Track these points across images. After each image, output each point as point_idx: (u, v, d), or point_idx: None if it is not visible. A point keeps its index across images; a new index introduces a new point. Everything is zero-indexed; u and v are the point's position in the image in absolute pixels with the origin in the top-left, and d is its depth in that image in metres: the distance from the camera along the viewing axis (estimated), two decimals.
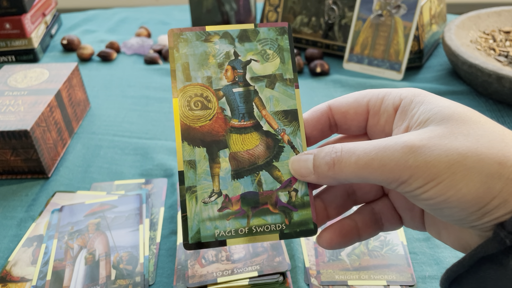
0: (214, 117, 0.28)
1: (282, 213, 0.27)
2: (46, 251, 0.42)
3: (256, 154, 0.28)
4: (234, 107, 0.28)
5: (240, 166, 0.28)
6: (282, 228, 0.27)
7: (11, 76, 0.59)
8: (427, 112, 0.27)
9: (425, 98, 0.28)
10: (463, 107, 0.27)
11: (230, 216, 0.27)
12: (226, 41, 0.29)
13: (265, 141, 0.28)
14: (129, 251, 0.42)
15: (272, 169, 0.28)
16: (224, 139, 0.28)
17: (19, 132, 0.49)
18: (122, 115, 0.64)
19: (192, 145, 0.28)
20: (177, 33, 0.29)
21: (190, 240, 0.27)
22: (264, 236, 0.27)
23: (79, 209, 0.46)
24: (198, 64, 0.29)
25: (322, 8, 0.75)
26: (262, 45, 0.29)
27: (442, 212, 0.25)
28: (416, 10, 0.67)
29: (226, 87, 0.29)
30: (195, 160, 0.28)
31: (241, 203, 0.27)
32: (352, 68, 0.73)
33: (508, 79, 0.57)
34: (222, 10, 0.83)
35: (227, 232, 0.27)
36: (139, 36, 0.85)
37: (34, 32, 0.79)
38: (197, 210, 0.27)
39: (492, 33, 0.72)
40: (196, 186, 0.27)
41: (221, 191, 0.27)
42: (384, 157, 0.25)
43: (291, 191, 0.28)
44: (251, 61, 0.29)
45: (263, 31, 0.29)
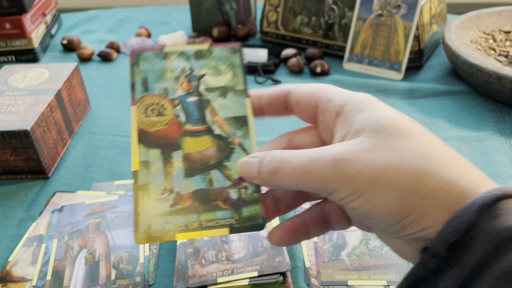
0: (169, 122, 0.31)
1: (232, 208, 0.29)
2: (46, 251, 0.42)
3: (208, 155, 0.30)
4: (188, 114, 0.31)
5: (192, 165, 0.30)
6: (232, 223, 0.29)
7: (11, 76, 0.59)
8: (362, 122, 0.28)
9: (366, 106, 0.29)
10: (400, 118, 0.28)
11: (181, 212, 0.29)
12: (182, 59, 0.33)
13: (217, 143, 0.31)
14: (129, 251, 0.42)
15: (223, 169, 0.30)
16: (177, 141, 0.31)
17: (19, 132, 0.49)
18: (122, 115, 0.64)
19: (147, 147, 0.30)
20: (138, 53, 0.33)
21: (141, 234, 0.28)
22: (214, 231, 0.28)
23: (79, 209, 0.46)
24: (156, 77, 0.32)
25: (322, 8, 0.75)
26: (216, 62, 0.33)
27: (366, 221, 0.27)
28: (416, 10, 0.67)
29: (181, 97, 0.32)
30: (149, 160, 0.30)
31: (192, 199, 0.29)
32: (352, 68, 0.73)
33: (508, 79, 0.57)
34: (222, 10, 0.83)
35: (178, 226, 0.28)
36: (139, 36, 0.85)
37: (34, 32, 0.79)
38: (149, 206, 0.29)
39: (492, 33, 0.72)
40: (149, 184, 0.29)
41: (173, 189, 0.29)
42: (314, 170, 0.26)
43: (241, 188, 0.29)
44: (205, 75, 0.32)
45: (216, 51, 0.33)
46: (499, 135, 0.56)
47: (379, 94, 0.66)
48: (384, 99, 0.65)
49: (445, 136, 0.56)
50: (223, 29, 0.83)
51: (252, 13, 0.84)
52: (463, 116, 0.60)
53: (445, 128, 0.58)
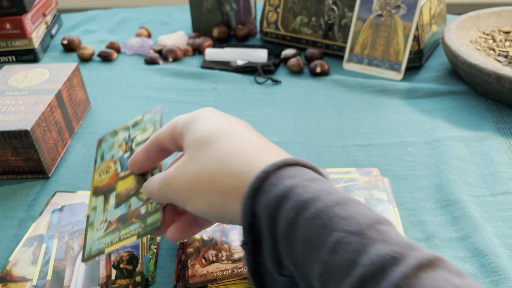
0: (111, 175, 0.41)
1: (140, 220, 0.37)
2: (46, 251, 0.42)
3: (130, 189, 0.39)
4: (122, 165, 0.41)
5: (120, 199, 0.39)
6: (139, 231, 0.36)
7: (11, 76, 0.59)
8: (187, 140, 0.34)
9: (191, 125, 0.34)
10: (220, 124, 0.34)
11: (109, 233, 0.37)
12: (125, 131, 0.44)
13: (137, 178, 0.39)
14: (130, 251, 0.42)
15: (139, 195, 0.38)
16: (114, 186, 0.40)
17: (20, 132, 0.49)
18: (122, 115, 0.64)
19: (96, 196, 0.41)
20: (101, 138, 0.46)
21: (85, 256, 0.38)
22: (127, 240, 0.36)
23: (80, 209, 0.46)
24: (108, 149, 0.44)
25: (322, 8, 0.75)
26: (144, 124, 0.43)
27: None
28: (416, 10, 0.67)
29: (120, 156, 0.42)
30: (96, 205, 0.40)
31: (117, 222, 0.38)
32: (352, 68, 0.73)
33: (508, 79, 0.57)
34: (222, 10, 0.83)
35: (106, 244, 0.37)
36: (139, 36, 0.85)
37: (35, 32, 0.79)
38: (92, 235, 0.38)
39: (492, 33, 0.72)
40: (94, 220, 0.39)
41: (107, 219, 0.38)
42: (161, 189, 0.35)
43: (148, 204, 0.37)
44: (136, 136, 0.42)
45: (146, 116, 0.43)
46: (498, 135, 0.56)
47: (379, 94, 0.66)
48: (384, 99, 0.65)
49: (445, 136, 0.56)
50: (223, 29, 0.83)
51: (252, 13, 0.84)
52: (463, 116, 0.60)
53: (445, 128, 0.58)
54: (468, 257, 0.41)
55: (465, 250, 0.41)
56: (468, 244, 0.42)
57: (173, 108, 0.65)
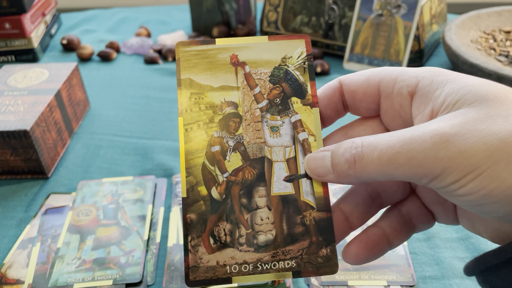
0: (92, 219, 0.45)
1: (118, 268, 0.40)
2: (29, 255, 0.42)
3: (112, 237, 0.43)
4: (106, 214, 0.46)
5: (99, 243, 0.42)
6: (116, 277, 0.39)
7: (10, 76, 0.59)
8: (455, 93, 0.23)
9: (449, 77, 0.24)
10: (496, 84, 0.23)
11: (82, 271, 0.40)
12: (113, 185, 0.49)
13: (120, 230, 0.44)
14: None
15: (120, 245, 0.42)
16: (93, 230, 0.44)
17: (19, 132, 0.48)
18: (122, 115, 0.64)
19: (70, 233, 0.44)
20: (83, 182, 0.50)
21: (50, 284, 0.39)
22: (100, 282, 0.39)
23: (64, 212, 0.46)
24: (91, 195, 0.48)
25: (322, 8, 0.75)
26: (135, 186, 0.49)
27: (482, 208, 0.22)
28: (416, 9, 0.67)
29: (104, 205, 0.47)
30: (70, 241, 0.43)
31: (92, 263, 0.41)
32: (352, 68, 0.73)
33: (509, 79, 0.57)
34: (222, 10, 0.83)
35: (76, 279, 0.39)
36: (139, 36, 0.85)
37: (34, 32, 0.79)
38: (60, 267, 0.40)
39: (493, 33, 0.72)
40: (65, 255, 0.42)
41: (81, 257, 0.41)
42: (411, 150, 0.21)
43: (130, 256, 0.41)
44: (125, 193, 0.48)
45: (136, 180, 0.49)
46: None
47: None
48: None
49: None
50: (223, 29, 0.83)
51: (252, 13, 0.84)
52: None
53: None
54: (469, 258, 0.41)
55: (465, 251, 0.41)
56: (468, 245, 0.42)
57: (172, 108, 0.65)
